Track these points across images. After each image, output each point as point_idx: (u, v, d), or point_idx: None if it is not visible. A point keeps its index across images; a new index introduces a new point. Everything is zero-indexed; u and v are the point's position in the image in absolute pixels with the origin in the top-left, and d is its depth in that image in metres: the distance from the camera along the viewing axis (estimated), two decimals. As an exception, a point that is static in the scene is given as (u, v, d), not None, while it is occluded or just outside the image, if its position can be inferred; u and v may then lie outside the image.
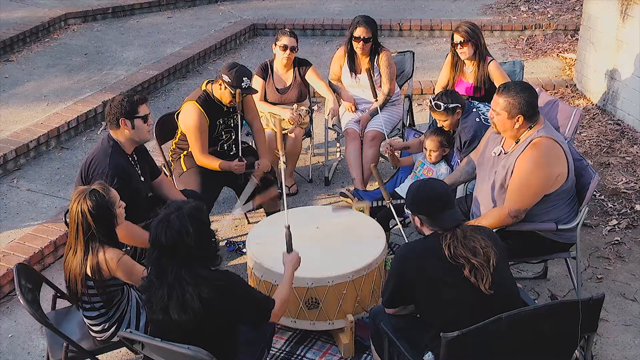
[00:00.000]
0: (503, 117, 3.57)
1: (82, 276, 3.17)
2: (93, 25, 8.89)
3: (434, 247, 2.88)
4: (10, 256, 4.44)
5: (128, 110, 3.75)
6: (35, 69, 7.48)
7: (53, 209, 5.09)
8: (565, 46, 7.98)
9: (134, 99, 3.79)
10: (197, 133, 4.40)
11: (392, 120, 5.34)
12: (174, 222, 2.74)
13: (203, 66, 7.87)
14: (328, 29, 8.64)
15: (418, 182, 3.08)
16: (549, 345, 2.81)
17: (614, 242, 4.64)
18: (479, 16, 8.85)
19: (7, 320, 4.15)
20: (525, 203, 3.56)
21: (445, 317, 2.85)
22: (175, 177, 4.64)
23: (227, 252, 4.68)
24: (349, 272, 3.57)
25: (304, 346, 3.82)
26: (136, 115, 3.78)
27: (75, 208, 3.12)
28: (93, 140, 6.12)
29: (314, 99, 6.14)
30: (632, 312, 4.04)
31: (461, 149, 4.26)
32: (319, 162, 5.83)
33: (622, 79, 6.10)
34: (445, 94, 4.25)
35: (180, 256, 2.74)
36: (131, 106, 3.76)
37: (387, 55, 5.27)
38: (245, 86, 4.37)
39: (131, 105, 3.76)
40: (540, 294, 4.19)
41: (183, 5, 9.58)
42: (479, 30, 4.82)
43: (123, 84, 6.92)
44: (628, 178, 5.31)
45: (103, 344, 3.39)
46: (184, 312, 2.76)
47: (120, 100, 3.77)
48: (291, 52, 5.22)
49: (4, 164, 5.57)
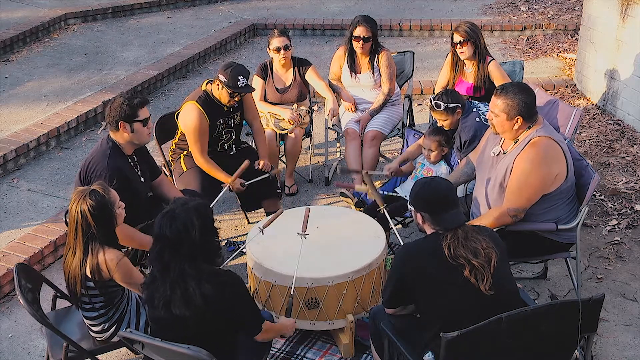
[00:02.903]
0: (502, 119, 3.57)
1: (82, 277, 3.16)
2: (93, 25, 8.89)
3: (434, 247, 2.88)
4: (10, 256, 4.45)
5: (127, 114, 3.72)
6: (35, 69, 7.47)
7: (53, 209, 5.09)
8: (565, 46, 7.98)
9: (134, 103, 3.75)
10: (197, 134, 4.39)
11: (392, 120, 5.33)
12: (179, 215, 2.76)
13: (203, 66, 7.87)
14: (328, 29, 8.63)
15: (424, 179, 3.08)
16: (549, 345, 2.81)
17: (614, 242, 4.64)
18: (479, 16, 8.85)
19: (7, 320, 4.15)
20: (524, 202, 3.56)
21: (445, 317, 2.85)
22: (175, 177, 4.63)
23: (227, 252, 4.69)
24: (349, 272, 3.57)
25: (304, 346, 3.82)
26: (135, 119, 3.75)
27: (75, 208, 3.12)
28: (93, 140, 6.13)
29: (314, 99, 6.14)
30: (632, 312, 4.04)
31: (461, 148, 4.26)
32: (319, 162, 5.82)
33: (622, 79, 6.10)
34: (446, 93, 4.25)
35: (185, 250, 2.75)
36: (131, 110, 3.73)
37: (387, 55, 5.27)
38: (242, 85, 4.34)
39: (131, 109, 3.73)
40: (540, 294, 4.19)
41: (183, 5, 9.57)
42: (478, 30, 4.82)
43: (123, 84, 6.92)
44: (628, 178, 5.31)
45: (103, 344, 3.39)
46: (186, 307, 2.76)
47: (120, 104, 3.73)
48: (285, 51, 5.20)
49: (4, 164, 5.57)
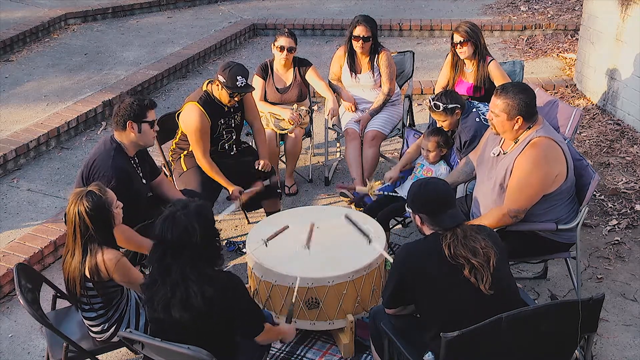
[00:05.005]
0: (502, 119, 3.57)
1: (81, 278, 3.16)
2: (93, 25, 8.89)
3: (434, 247, 2.88)
4: (10, 256, 4.45)
5: (137, 114, 3.74)
6: (35, 69, 7.48)
7: (53, 209, 5.09)
8: (565, 46, 7.98)
9: (144, 103, 3.79)
10: (198, 134, 4.39)
11: (392, 120, 5.33)
12: (180, 219, 2.74)
13: (203, 66, 7.87)
14: (328, 29, 8.64)
15: (420, 181, 3.07)
16: (549, 345, 2.81)
17: (614, 242, 4.64)
18: (479, 16, 8.85)
19: (7, 320, 4.15)
20: (524, 203, 3.56)
21: (445, 317, 2.85)
22: (175, 177, 4.63)
23: (227, 252, 4.69)
24: (349, 272, 3.57)
25: (304, 346, 3.82)
26: (144, 119, 3.78)
27: (73, 210, 3.12)
28: (93, 140, 6.13)
29: (314, 99, 6.14)
30: (632, 312, 4.04)
31: (461, 149, 4.26)
32: (319, 162, 5.82)
33: (622, 78, 6.10)
34: (445, 94, 4.25)
35: (186, 254, 2.75)
36: (140, 110, 3.75)
37: (387, 55, 5.27)
38: (241, 85, 4.33)
39: (141, 109, 3.75)
40: (540, 294, 4.19)
41: (183, 5, 9.58)
42: (478, 30, 4.82)
43: (123, 84, 6.92)
44: (628, 178, 5.31)
45: (103, 344, 3.39)
46: (185, 310, 2.76)
47: (130, 103, 3.75)
48: (289, 52, 5.21)
49: (4, 164, 5.57)
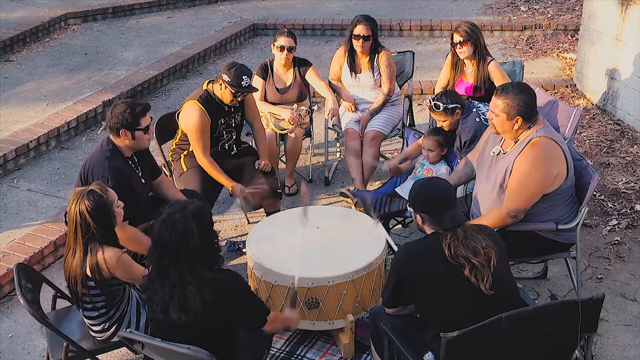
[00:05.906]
0: (502, 119, 3.57)
1: (82, 277, 3.17)
2: (93, 25, 8.89)
3: (434, 247, 2.88)
4: (10, 256, 4.45)
5: (130, 122, 3.73)
6: (35, 69, 7.47)
7: (53, 209, 5.09)
8: (565, 46, 7.98)
9: (136, 111, 3.75)
10: (199, 132, 4.39)
11: (392, 120, 5.33)
12: (178, 222, 2.73)
13: (203, 66, 7.87)
14: (328, 29, 8.63)
15: (421, 181, 3.07)
16: (549, 345, 2.81)
17: (614, 242, 4.64)
18: (479, 16, 8.85)
19: (7, 320, 4.15)
20: (524, 203, 3.56)
21: (445, 317, 2.85)
22: (175, 177, 4.63)
23: (227, 252, 4.69)
24: (349, 272, 3.57)
25: (304, 346, 3.82)
26: (137, 127, 3.77)
27: (74, 209, 3.12)
28: (93, 140, 6.12)
29: (314, 99, 6.14)
30: (632, 312, 4.04)
31: (461, 149, 4.26)
32: (319, 162, 5.82)
33: (622, 79, 6.10)
34: (445, 94, 4.25)
35: (184, 257, 2.74)
36: (133, 118, 3.74)
37: (387, 55, 5.27)
38: (245, 85, 4.35)
39: (133, 117, 3.74)
40: (540, 294, 4.19)
41: (183, 5, 9.57)
42: (478, 30, 4.82)
43: (123, 84, 6.92)
44: (628, 178, 5.31)
45: (103, 343, 3.39)
46: (184, 312, 2.76)
47: (122, 112, 3.73)
48: (289, 52, 5.21)
49: (4, 164, 5.57)
